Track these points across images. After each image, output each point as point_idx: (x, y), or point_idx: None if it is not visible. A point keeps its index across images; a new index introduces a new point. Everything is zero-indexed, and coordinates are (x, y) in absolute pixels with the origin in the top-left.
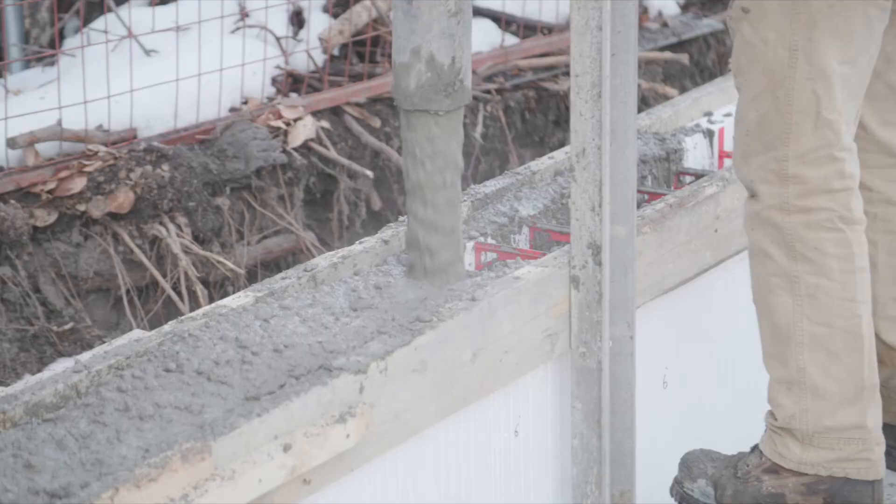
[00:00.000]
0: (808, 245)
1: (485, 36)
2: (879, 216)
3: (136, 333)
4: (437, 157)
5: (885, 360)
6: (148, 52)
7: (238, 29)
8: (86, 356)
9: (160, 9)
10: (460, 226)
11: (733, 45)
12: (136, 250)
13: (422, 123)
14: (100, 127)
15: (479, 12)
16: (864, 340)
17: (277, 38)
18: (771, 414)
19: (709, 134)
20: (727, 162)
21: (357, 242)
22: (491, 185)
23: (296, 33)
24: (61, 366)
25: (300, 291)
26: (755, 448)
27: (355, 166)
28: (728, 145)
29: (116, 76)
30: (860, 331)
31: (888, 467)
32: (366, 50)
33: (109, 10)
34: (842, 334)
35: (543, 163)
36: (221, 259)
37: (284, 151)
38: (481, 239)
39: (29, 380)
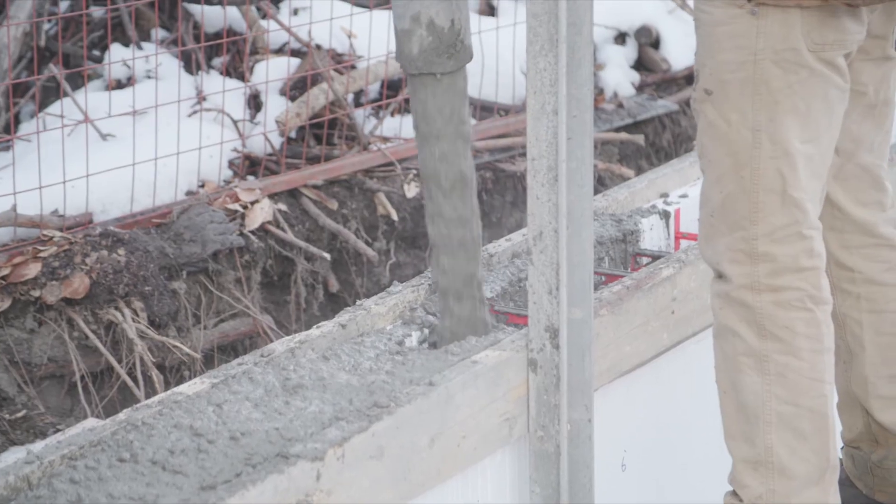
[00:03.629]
0: (777, 324)
1: None
2: (863, 296)
3: (90, 422)
4: (443, 115)
5: (879, 439)
6: (104, 137)
7: (195, 112)
8: (38, 446)
9: (116, 93)
10: (474, 190)
11: (697, 126)
12: (91, 336)
13: (428, 85)
14: (55, 212)
15: None
16: (829, 420)
17: (234, 122)
18: (734, 495)
19: (665, 215)
20: (683, 243)
21: (315, 327)
22: None
23: (253, 116)
24: (13, 455)
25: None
26: None
27: (312, 249)
28: (684, 226)
29: (72, 161)
30: (826, 410)
31: None
32: (323, 132)
33: (65, 94)
34: (809, 414)
35: (501, 245)
36: (177, 344)
37: (241, 234)
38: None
39: None
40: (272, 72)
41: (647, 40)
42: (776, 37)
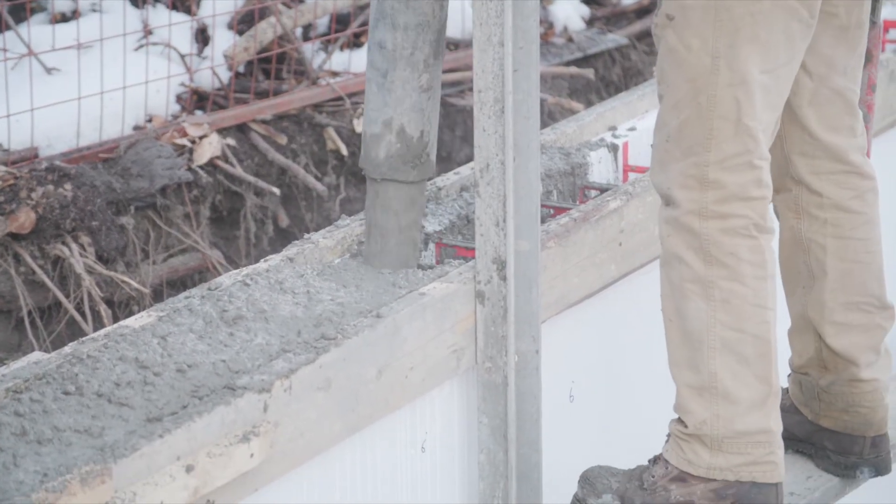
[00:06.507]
0: (723, 250)
1: None
2: (829, 221)
3: (35, 356)
4: (399, 224)
5: (828, 365)
6: (49, 71)
7: (141, 46)
8: None
9: (61, 26)
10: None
11: (658, 52)
12: (38, 271)
13: (388, 192)
14: None
15: None
16: (772, 346)
17: (182, 56)
18: (679, 421)
19: (613, 148)
20: (631, 176)
21: (262, 260)
22: None
23: (200, 50)
24: None
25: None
26: (658, 458)
27: (262, 183)
28: (632, 159)
29: (16, 95)
30: (769, 337)
31: (825, 470)
32: (271, 67)
33: (8, 27)
34: (752, 339)
35: (449, 178)
36: (126, 279)
37: (190, 169)
38: None
39: None
40: (219, 5)
41: None
42: None
